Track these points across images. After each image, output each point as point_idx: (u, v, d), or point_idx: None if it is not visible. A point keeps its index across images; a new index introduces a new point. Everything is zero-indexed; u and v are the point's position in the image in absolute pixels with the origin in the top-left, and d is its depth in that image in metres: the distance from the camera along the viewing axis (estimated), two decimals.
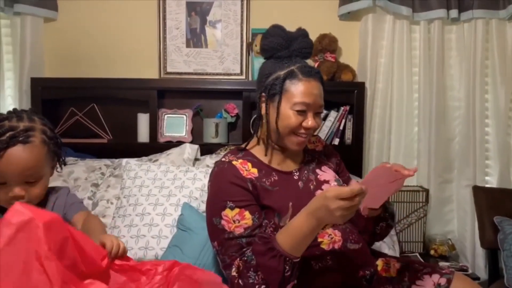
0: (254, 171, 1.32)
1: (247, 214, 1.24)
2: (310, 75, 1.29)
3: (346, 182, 1.45)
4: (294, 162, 1.40)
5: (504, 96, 2.50)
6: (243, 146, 1.40)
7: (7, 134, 1.10)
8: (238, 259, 1.20)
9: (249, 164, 1.33)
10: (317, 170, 1.41)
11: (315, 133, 2.21)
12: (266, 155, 1.36)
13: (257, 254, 1.17)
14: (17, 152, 1.10)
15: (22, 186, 1.11)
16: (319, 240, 1.27)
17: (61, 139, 1.26)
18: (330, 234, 1.29)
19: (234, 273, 1.19)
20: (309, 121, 1.29)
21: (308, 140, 1.39)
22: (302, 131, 1.30)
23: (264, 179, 1.31)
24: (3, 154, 1.09)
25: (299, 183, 1.35)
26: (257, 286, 1.15)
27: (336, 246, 1.28)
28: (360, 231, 1.38)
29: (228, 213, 1.24)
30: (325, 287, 1.26)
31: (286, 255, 1.14)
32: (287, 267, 1.14)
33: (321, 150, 1.51)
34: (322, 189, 1.35)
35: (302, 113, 1.28)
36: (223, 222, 1.24)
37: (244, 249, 1.20)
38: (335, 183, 1.38)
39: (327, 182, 1.38)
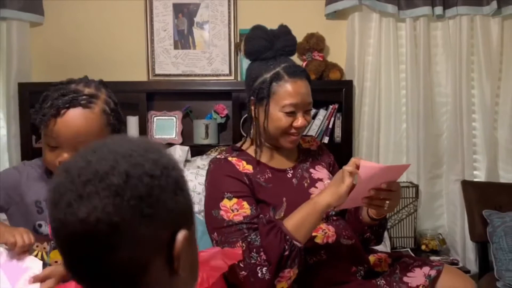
0: (249, 167, 1.34)
1: (245, 204, 1.26)
2: (296, 75, 1.30)
3: None
4: (288, 161, 1.42)
5: (490, 91, 2.53)
6: (238, 145, 1.42)
7: (70, 95, 1.08)
8: (241, 241, 1.20)
9: (244, 162, 1.35)
10: (311, 169, 1.43)
11: (308, 133, 2.23)
12: (256, 156, 1.37)
13: (261, 234, 1.19)
14: (75, 114, 1.07)
15: (73, 153, 1.10)
16: (313, 234, 1.28)
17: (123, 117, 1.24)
18: (324, 229, 1.31)
19: None
20: (299, 121, 1.31)
21: (301, 137, 1.41)
22: (293, 130, 1.32)
23: (259, 176, 1.33)
24: (63, 113, 1.07)
25: (293, 180, 1.37)
26: (258, 267, 1.17)
27: (330, 241, 1.30)
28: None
29: (227, 203, 1.26)
30: (320, 282, 1.28)
31: (286, 232, 1.16)
32: (286, 246, 1.15)
33: (315, 150, 1.52)
34: (316, 187, 1.37)
35: (291, 114, 1.30)
36: (221, 212, 1.26)
37: (246, 234, 1.21)
38: (329, 181, 1.39)
39: (321, 180, 1.40)
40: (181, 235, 0.54)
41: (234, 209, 1.25)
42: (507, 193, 2.36)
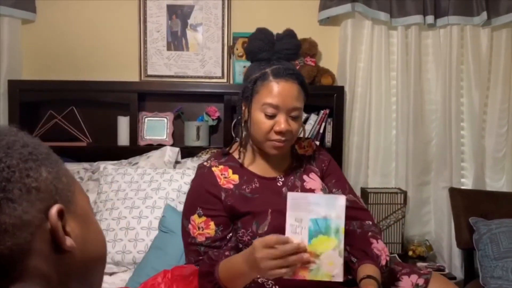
0: (235, 177, 1.31)
1: (212, 224, 1.26)
2: (282, 76, 1.25)
3: (331, 188, 1.41)
4: (280, 168, 1.37)
5: (479, 100, 2.57)
6: (227, 150, 1.39)
7: None
8: (194, 264, 1.25)
9: (230, 171, 1.32)
10: (304, 177, 1.38)
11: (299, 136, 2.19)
12: (239, 157, 1.35)
13: (200, 274, 1.21)
14: None
15: None
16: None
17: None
18: None
19: None
20: (281, 124, 1.24)
21: (289, 144, 1.33)
22: (275, 136, 1.26)
23: (244, 186, 1.30)
24: None
25: (283, 189, 1.33)
26: None
27: None
28: None
29: (196, 219, 1.27)
30: None
31: (221, 285, 1.17)
32: None
33: (310, 155, 1.45)
34: None
35: (272, 117, 1.26)
36: (190, 226, 1.28)
37: (201, 258, 1.25)
38: (321, 192, 1.36)
39: (312, 190, 1.35)
40: (53, 209, 0.52)
41: (200, 227, 1.26)
42: (493, 201, 2.39)
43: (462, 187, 2.58)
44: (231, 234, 1.28)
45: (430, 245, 2.54)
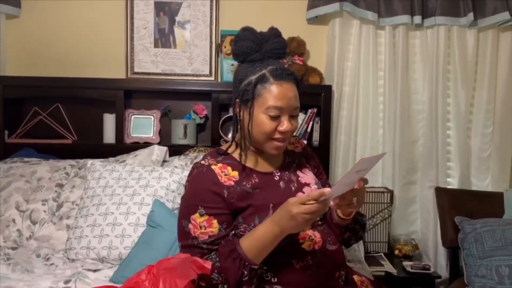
0: (235, 174, 1.31)
1: (215, 222, 1.24)
2: (282, 78, 1.26)
3: (323, 185, 1.45)
4: (275, 164, 1.39)
5: (465, 100, 2.59)
6: (223, 148, 1.38)
7: None
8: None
9: (229, 168, 1.32)
10: (298, 172, 1.40)
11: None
12: (240, 160, 1.34)
13: (220, 256, 1.20)
14: None
15: None
16: (301, 241, 1.28)
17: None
18: (311, 236, 1.29)
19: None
20: (284, 124, 1.27)
21: (288, 142, 1.37)
22: (278, 135, 1.29)
23: (245, 182, 1.30)
24: None
25: (281, 183, 1.35)
26: (220, 286, 1.19)
27: (316, 247, 1.29)
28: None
29: (197, 218, 1.25)
30: (306, 286, 1.28)
31: (246, 259, 1.18)
32: (245, 272, 1.18)
33: (300, 152, 1.49)
34: (303, 192, 1.35)
35: (276, 118, 1.27)
36: (190, 225, 1.25)
37: (206, 255, 1.23)
38: (316, 186, 1.38)
39: (308, 185, 1.38)
40: None
41: (202, 226, 1.24)
42: (478, 201, 2.41)
43: (448, 187, 2.60)
44: (233, 232, 1.27)
45: (416, 244, 2.56)
